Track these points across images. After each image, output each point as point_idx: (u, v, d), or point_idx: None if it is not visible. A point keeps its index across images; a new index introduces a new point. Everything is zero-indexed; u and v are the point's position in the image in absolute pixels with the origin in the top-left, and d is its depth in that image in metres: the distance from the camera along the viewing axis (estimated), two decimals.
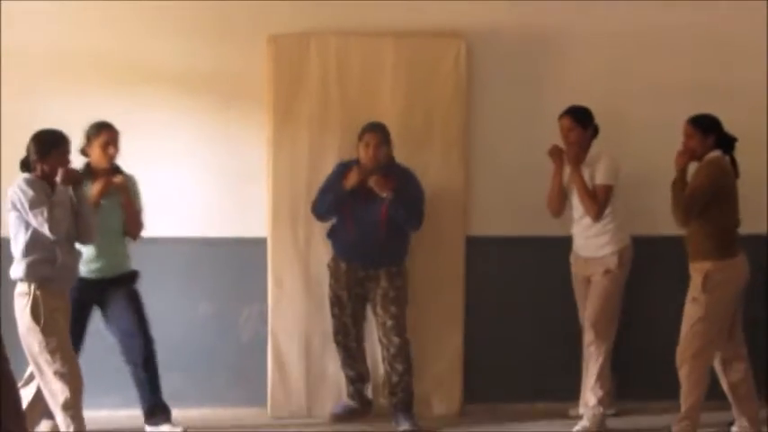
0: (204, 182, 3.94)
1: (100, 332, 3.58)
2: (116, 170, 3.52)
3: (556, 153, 3.69)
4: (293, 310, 3.92)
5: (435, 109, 3.94)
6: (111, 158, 3.49)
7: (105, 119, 3.52)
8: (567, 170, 3.68)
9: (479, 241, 4.01)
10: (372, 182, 3.58)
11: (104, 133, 3.48)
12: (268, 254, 3.91)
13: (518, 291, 4.04)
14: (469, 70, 3.97)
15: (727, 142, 3.45)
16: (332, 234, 3.77)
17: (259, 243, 3.92)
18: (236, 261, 3.98)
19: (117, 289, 3.51)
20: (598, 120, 3.73)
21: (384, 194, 3.57)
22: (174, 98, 3.92)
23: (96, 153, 3.49)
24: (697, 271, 3.36)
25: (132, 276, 3.58)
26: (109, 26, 3.94)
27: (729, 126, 3.48)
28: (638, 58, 4.07)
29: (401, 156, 3.76)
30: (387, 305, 3.68)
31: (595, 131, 3.71)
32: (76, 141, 3.41)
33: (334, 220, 3.75)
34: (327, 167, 3.80)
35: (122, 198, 3.50)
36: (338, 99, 3.91)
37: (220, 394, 3.97)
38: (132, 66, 3.92)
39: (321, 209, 3.72)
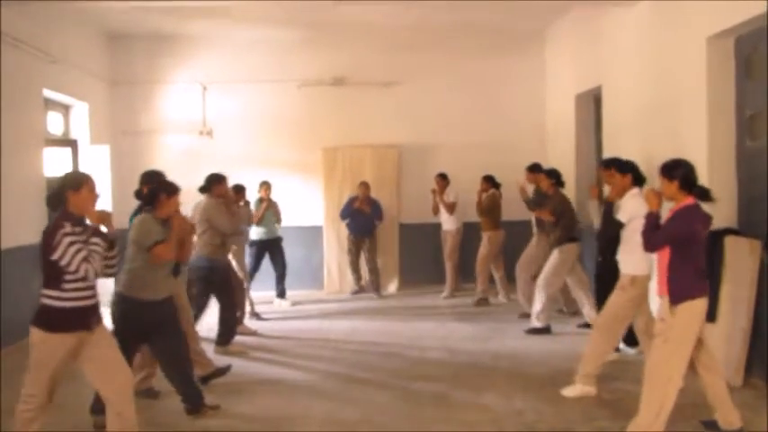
0: (297, 204, 10.03)
1: None
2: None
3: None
4: (333, 252, 10.10)
5: (385, 177, 10.14)
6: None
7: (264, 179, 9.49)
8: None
9: (406, 225, 10.23)
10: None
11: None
12: (324, 233, 10.12)
13: (422, 237, 10.16)
14: (399, 161, 10.21)
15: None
16: (348, 225, 9.89)
17: (320, 229, 10.15)
18: (310, 235, 10.09)
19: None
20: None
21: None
22: (287, 171, 10.05)
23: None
24: None
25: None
26: (255, 140, 10.14)
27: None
28: (475, 153, 10.12)
29: (375, 192, 9.88)
30: (369, 251, 9.80)
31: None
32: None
33: (347, 219, 9.82)
34: (346, 197, 9.92)
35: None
36: (349, 171, 10.10)
37: (307, 283, 10.07)
38: (269, 159, 10.05)
39: (342, 216, 9.84)
